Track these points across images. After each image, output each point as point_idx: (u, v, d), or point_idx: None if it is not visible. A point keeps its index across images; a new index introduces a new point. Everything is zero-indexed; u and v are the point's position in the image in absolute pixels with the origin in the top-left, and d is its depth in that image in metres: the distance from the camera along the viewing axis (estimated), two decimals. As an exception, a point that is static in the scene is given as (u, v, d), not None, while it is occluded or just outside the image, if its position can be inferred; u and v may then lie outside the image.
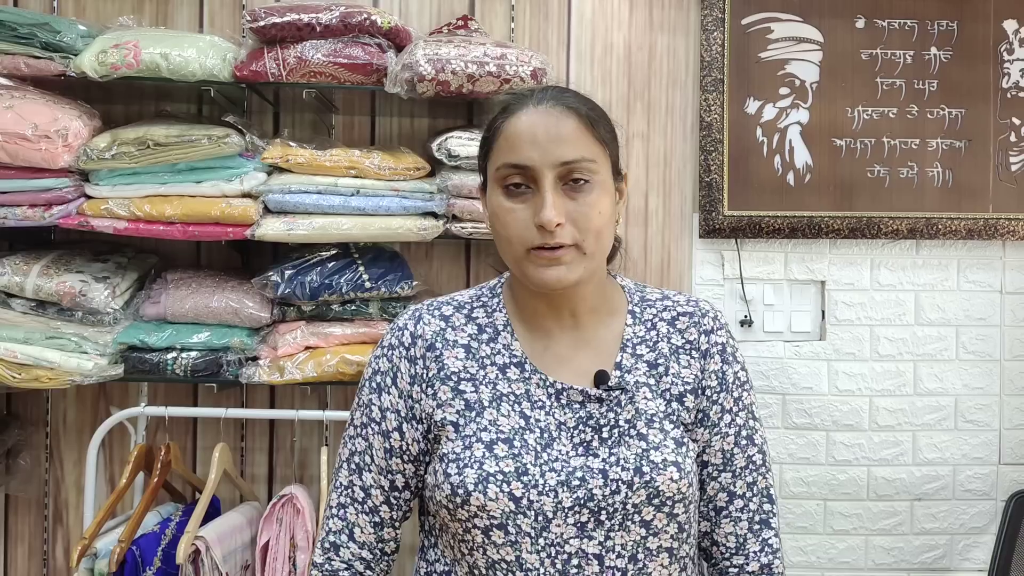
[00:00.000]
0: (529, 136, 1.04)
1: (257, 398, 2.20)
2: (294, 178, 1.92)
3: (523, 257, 1.05)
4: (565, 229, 1.03)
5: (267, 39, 1.90)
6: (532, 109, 1.06)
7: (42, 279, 1.90)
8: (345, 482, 1.13)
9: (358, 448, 1.13)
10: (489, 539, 1.02)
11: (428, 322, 1.14)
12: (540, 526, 1.01)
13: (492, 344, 1.12)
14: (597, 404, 1.07)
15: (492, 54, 1.91)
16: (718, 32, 2.26)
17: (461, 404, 1.08)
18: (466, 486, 1.02)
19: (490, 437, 1.05)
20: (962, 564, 2.33)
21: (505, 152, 1.06)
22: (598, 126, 1.07)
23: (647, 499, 1.03)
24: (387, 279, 1.97)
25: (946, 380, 2.32)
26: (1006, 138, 2.30)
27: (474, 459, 1.03)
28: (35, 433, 2.18)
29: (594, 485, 1.02)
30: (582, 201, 1.04)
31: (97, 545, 1.75)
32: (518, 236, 1.04)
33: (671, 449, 1.05)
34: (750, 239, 2.29)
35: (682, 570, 1.08)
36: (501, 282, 1.19)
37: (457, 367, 1.10)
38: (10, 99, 1.83)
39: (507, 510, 1.01)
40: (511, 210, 1.05)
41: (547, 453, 1.04)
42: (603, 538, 1.02)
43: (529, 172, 1.04)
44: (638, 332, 1.14)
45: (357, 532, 1.12)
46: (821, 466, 2.31)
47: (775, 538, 1.14)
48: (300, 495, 1.87)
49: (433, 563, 1.13)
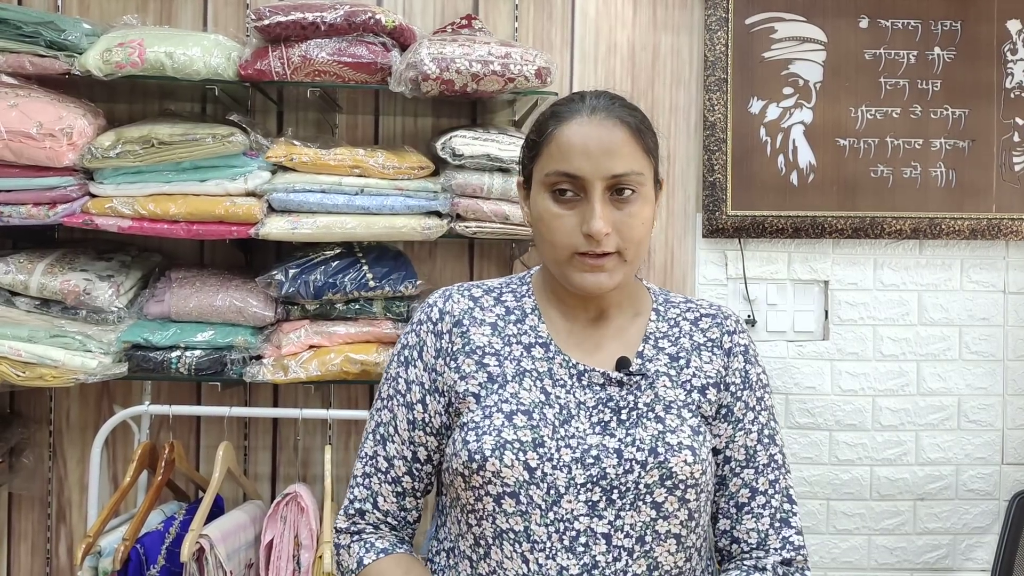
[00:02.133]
0: (581, 147, 1.07)
1: (261, 397, 2.20)
2: (298, 177, 1.92)
3: (566, 261, 1.09)
4: (611, 238, 1.07)
5: (271, 38, 1.90)
6: (586, 119, 1.09)
7: (46, 277, 1.91)
8: (370, 452, 1.17)
9: (383, 419, 1.17)
10: (500, 507, 1.04)
11: (457, 300, 1.18)
12: (551, 500, 1.03)
13: (519, 325, 1.15)
14: (617, 387, 1.10)
15: (496, 53, 1.91)
16: (722, 32, 2.26)
17: (484, 376, 1.11)
18: (483, 451, 1.04)
19: (510, 408, 1.08)
20: (965, 564, 2.33)
21: (557, 160, 1.09)
22: (646, 137, 1.11)
23: (659, 480, 1.05)
24: (391, 278, 1.97)
25: (949, 380, 2.32)
26: (1009, 138, 2.30)
27: (493, 427, 1.06)
28: (39, 431, 2.18)
29: (608, 464, 1.05)
30: (627, 211, 1.08)
31: (101, 543, 1.75)
32: (563, 242, 1.08)
33: (687, 434, 1.08)
34: (753, 239, 2.29)
35: (687, 560, 1.09)
36: (531, 274, 1.23)
37: (483, 342, 1.14)
38: (15, 97, 1.83)
39: (521, 479, 1.04)
40: (559, 215, 1.09)
41: (564, 429, 1.07)
42: (613, 517, 1.04)
43: (580, 181, 1.07)
44: (660, 328, 1.18)
45: (380, 501, 1.16)
46: (824, 466, 2.31)
47: (797, 536, 1.15)
48: (304, 493, 1.87)
49: (442, 540, 1.16)
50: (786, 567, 1.13)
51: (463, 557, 1.10)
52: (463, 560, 1.10)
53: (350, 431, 2.21)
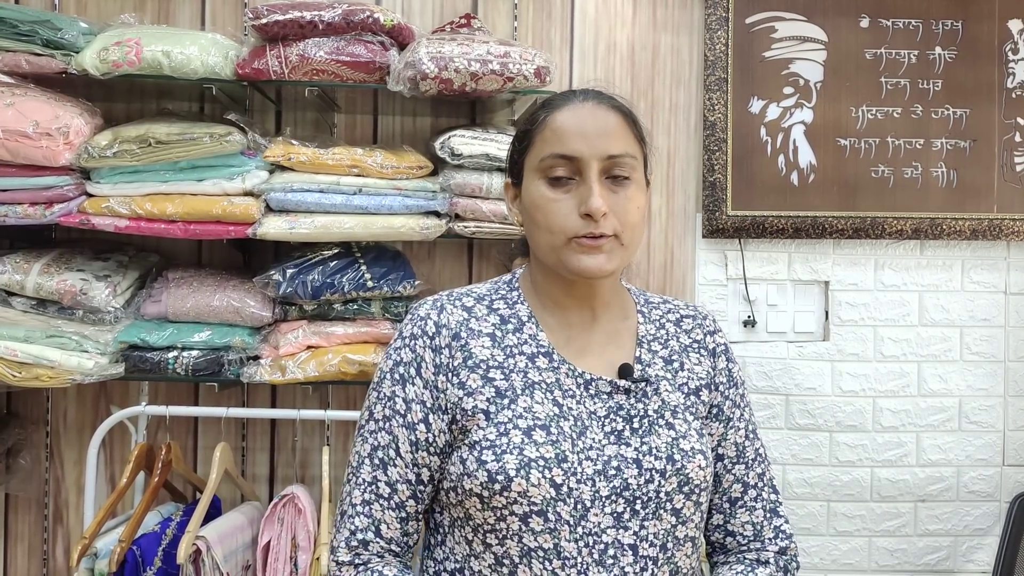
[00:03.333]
0: (577, 128, 1.07)
1: (258, 398, 2.19)
2: (296, 176, 1.92)
3: (563, 246, 1.07)
4: (608, 220, 1.05)
5: (269, 37, 1.89)
6: (579, 104, 1.09)
7: (43, 277, 1.90)
8: (368, 478, 1.10)
9: (381, 442, 1.10)
10: (527, 526, 1.02)
11: (451, 312, 1.13)
12: (579, 514, 1.02)
13: (518, 334, 1.12)
14: (624, 395, 1.09)
15: (495, 52, 1.90)
16: (722, 31, 2.25)
17: (491, 392, 1.08)
18: (507, 472, 1.01)
19: (527, 424, 1.05)
20: (966, 566, 2.32)
21: (552, 143, 1.08)
22: (638, 126, 1.12)
23: (678, 487, 1.05)
24: (389, 278, 1.97)
25: (950, 381, 2.32)
26: (1011, 138, 2.29)
27: (512, 445, 1.03)
28: (35, 432, 2.17)
29: (629, 474, 1.04)
30: (623, 195, 1.07)
31: (97, 545, 1.75)
32: (560, 225, 1.06)
33: (696, 438, 1.09)
34: (753, 239, 2.28)
35: (697, 559, 1.12)
36: (516, 276, 1.20)
37: (485, 355, 1.10)
38: (11, 96, 1.83)
39: (548, 496, 1.01)
40: (554, 200, 1.07)
41: (582, 441, 1.05)
42: (637, 528, 1.03)
43: (576, 163, 1.06)
44: (649, 330, 1.17)
45: (384, 528, 1.10)
46: (824, 467, 2.30)
47: (786, 524, 1.18)
48: (301, 495, 1.86)
49: (442, 561, 1.11)
50: (783, 557, 1.16)
51: None
52: None
53: (348, 432, 2.20)
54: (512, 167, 1.16)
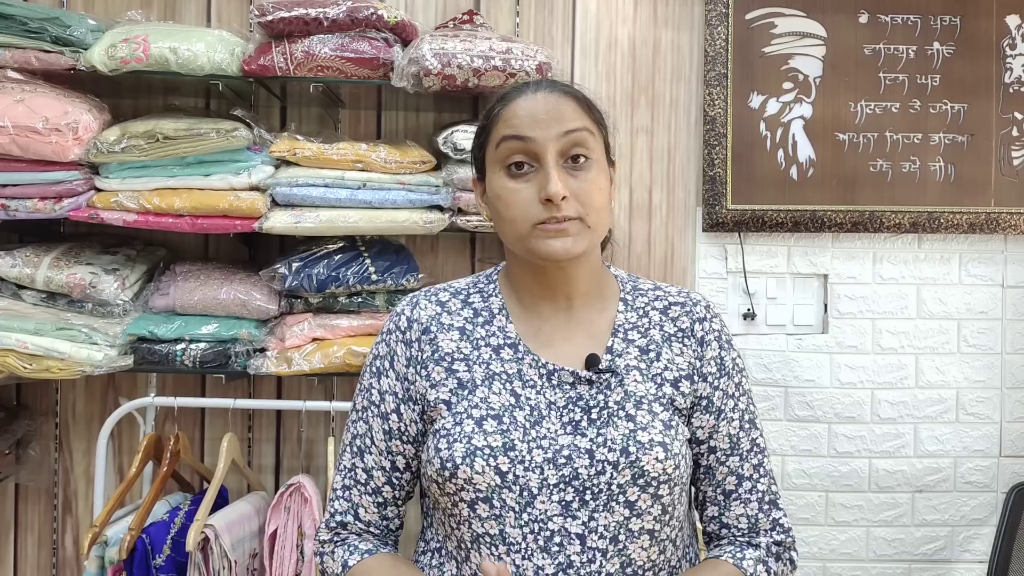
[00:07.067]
0: (529, 115, 1.08)
1: (264, 389, 2.22)
2: (301, 171, 1.94)
3: (528, 233, 1.07)
4: (569, 203, 1.06)
5: (275, 33, 1.91)
6: (531, 94, 1.10)
7: (52, 271, 1.92)
8: (348, 464, 1.17)
9: (359, 431, 1.17)
10: (474, 512, 1.05)
11: (424, 307, 1.17)
12: (524, 501, 1.03)
13: (487, 327, 1.15)
14: (587, 386, 1.10)
15: (498, 48, 1.93)
16: (722, 27, 2.27)
17: (454, 383, 1.11)
18: (454, 459, 1.04)
19: (480, 413, 1.07)
20: (963, 556, 2.35)
21: (505, 129, 1.09)
22: (593, 109, 1.13)
23: (632, 479, 1.04)
24: (393, 272, 1.99)
25: (948, 373, 2.34)
26: (1008, 133, 2.31)
27: (463, 434, 1.06)
28: (45, 423, 2.20)
29: (580, 464, 1.04)
30: (583, 178, 1.08)
31: (107, 533, 1.77)
32: (523, 214, 1.07)
33: (658, 430, 1.07)
34: (753, 233, 2.31)
35: (661, 552, 1.09)
36: (497, 270, 1.22)
37: (451, 348, 1.13)
38: (21, 92, 1.85)
39: (492, 484, 1.03)
40: (515, 190, 1.08)
41: (535, 430, 1.06)
42: (587, 518, 1.04)
43: (532, 147, 1.07)
44: (629, 318, 1.16)
45: (362, 512, 1.16)
46: (823, 458, 2.33)
47: (785, 517, 1.17)
48: (307, 484, 1.89)
49: (429, 541, 1.16)
50: (777, 547, 1.15)
51: (450, 557, 1.11)
52: (449, 560, 1.10)
53: (353, 423, 2.22)
54: (476, 163, 1.17)
